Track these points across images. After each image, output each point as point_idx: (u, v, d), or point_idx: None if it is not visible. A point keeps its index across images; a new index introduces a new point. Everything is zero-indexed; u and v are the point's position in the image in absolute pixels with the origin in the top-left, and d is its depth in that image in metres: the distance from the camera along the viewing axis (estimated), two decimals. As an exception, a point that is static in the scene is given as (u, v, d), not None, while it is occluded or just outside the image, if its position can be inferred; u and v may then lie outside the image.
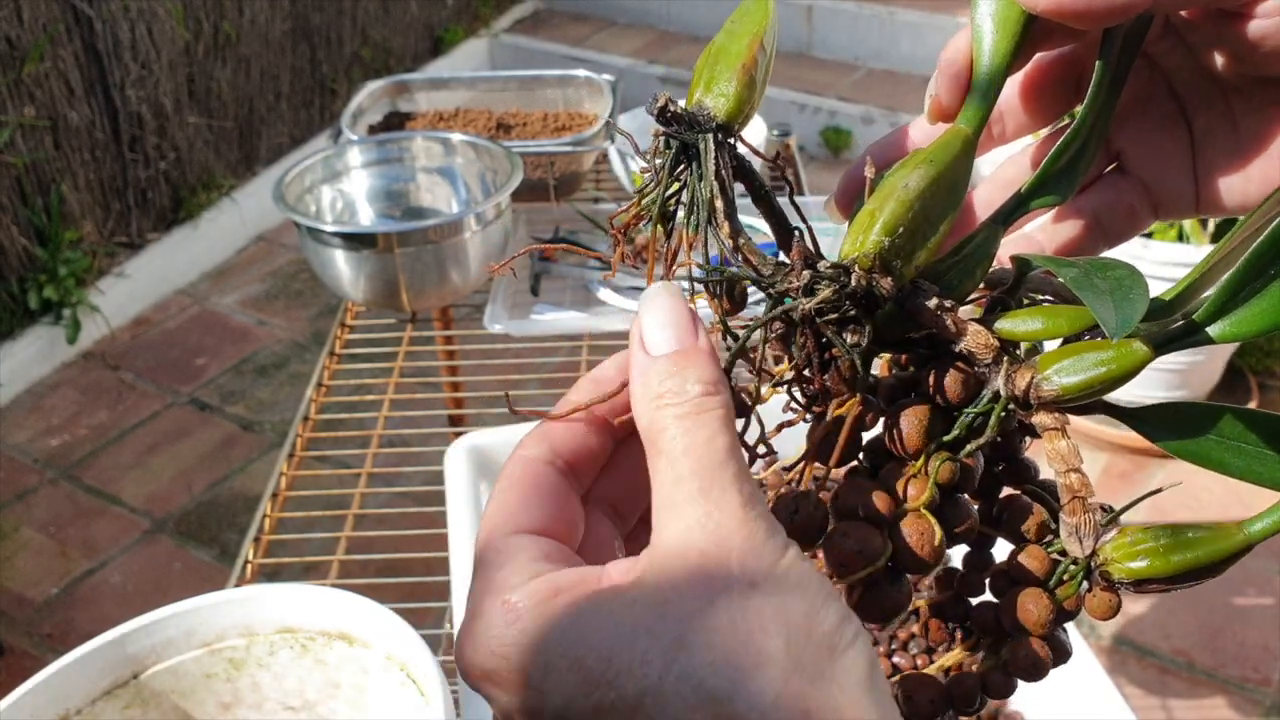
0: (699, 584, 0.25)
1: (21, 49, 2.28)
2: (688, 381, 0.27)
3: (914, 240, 0.28)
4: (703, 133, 0.29)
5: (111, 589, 1.89)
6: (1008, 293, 0.31)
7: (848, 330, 0.28)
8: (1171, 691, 1.62)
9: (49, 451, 2.20)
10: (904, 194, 0.28)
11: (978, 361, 0.29)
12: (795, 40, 3.44)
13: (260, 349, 2.48)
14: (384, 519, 1.12)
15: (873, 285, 0.28)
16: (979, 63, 0.31)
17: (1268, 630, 1.70)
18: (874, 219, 0.28)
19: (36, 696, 0.59)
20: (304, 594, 0.65)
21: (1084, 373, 0.27)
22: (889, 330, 0.29)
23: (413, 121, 1.52)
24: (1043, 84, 0.35)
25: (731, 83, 0.29)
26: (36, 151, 2.37)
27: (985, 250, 0.31)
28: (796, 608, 0.24)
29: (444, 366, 1.39)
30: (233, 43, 2.75)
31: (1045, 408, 0.28)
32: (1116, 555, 0.28)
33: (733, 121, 0.29)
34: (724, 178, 0.29)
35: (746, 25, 0.30)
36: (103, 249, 2.57)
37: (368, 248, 1.12)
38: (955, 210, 0.30)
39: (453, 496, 0.83)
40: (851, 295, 0.28)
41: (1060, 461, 0.28)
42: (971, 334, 0.29)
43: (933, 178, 0.29)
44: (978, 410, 0.29)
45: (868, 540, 0.28)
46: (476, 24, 3.62)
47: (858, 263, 0.28)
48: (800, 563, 0.25)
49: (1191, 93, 0.34)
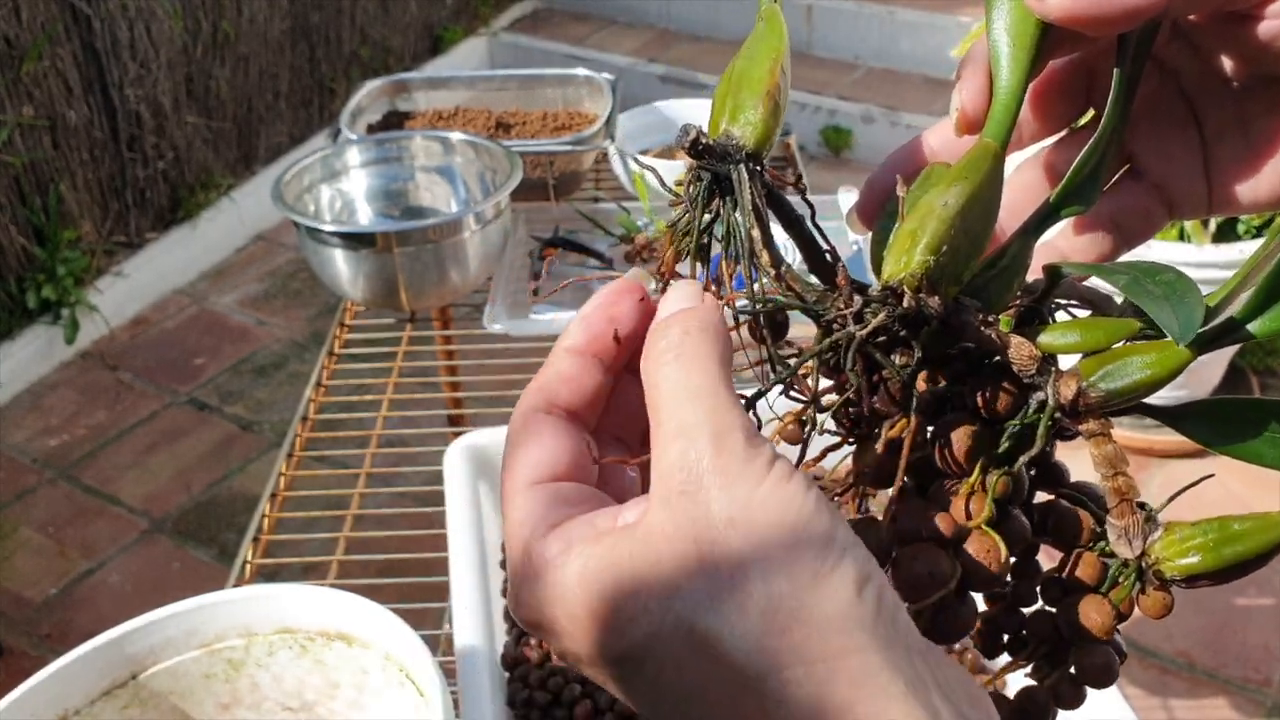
0: (683, 529, 0.26)
1: (20, 48, 2.27)
2: (685, 330, 0.28)
3: (957, 258, 0.29)
4: (734, 164, 0.29)
5: (110, 589, 1.89)
6: (1038, 301, 0.31)
7: (896, 352, 0.28)
8: (1172, 692, 1.62)
9: (48, 451, 2.20)
10: (944, 212, 0.28)
11: (1022, 373, 0.29)
12: (795, 39, 3.43)
13: (259, 349, 2.47)
14: (383, 519, 1.12)
15: (921, 306, 0.28)
16: (999, 75, 0.31)
17: (1268, 631, 1.70)
18: (916, 239, 0.28)
19: (36, 696, 0.59)
20: (303, 594, 0.65)
21: (1129, 376, 0.28)
22: (930, 348, 0.29)
23: (412, 121, 1.52)
24: (1053, 90, 0.35)
25: (758, 109, 0.29)
26: (35, 151, 2.37)
27: (1021, 262, 0.31)
28: (774, 538, 0.25)
29: (443, 366, 1.39)
30: (231, 42, 2.75)
31: (1091, 413, 0.29)
32: (1167, 554, 0.28)
33: (761, 150, 0.29)
34: (759, 207, 0.29)
35: (765, 49, 0.30)
36: (101, 248, 2.56)
37: (367, 247, 1.12)
38: (993, 226, 0.30)
39: (452, 497, 0.83)
40: (902, 317, 0.28)
41: (1107, 465, 0.29)
42: (1015, 346, 0.29)
43: (970, 194, 0.29)
44: (1023, 421, 0.29)
45: (937, 563, 0.28)
46: (476, 23, 3.61)
47: (904, 284, 0.28)
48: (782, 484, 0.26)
49: (1201, 94, 0.34)
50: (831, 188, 1.36)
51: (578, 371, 0.31)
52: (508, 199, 1.18)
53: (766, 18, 0.31)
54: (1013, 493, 0.30)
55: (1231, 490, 1.77)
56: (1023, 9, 0.31)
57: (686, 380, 0.27)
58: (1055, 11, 0.29)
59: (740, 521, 0.25)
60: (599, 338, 0.31)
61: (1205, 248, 1.68)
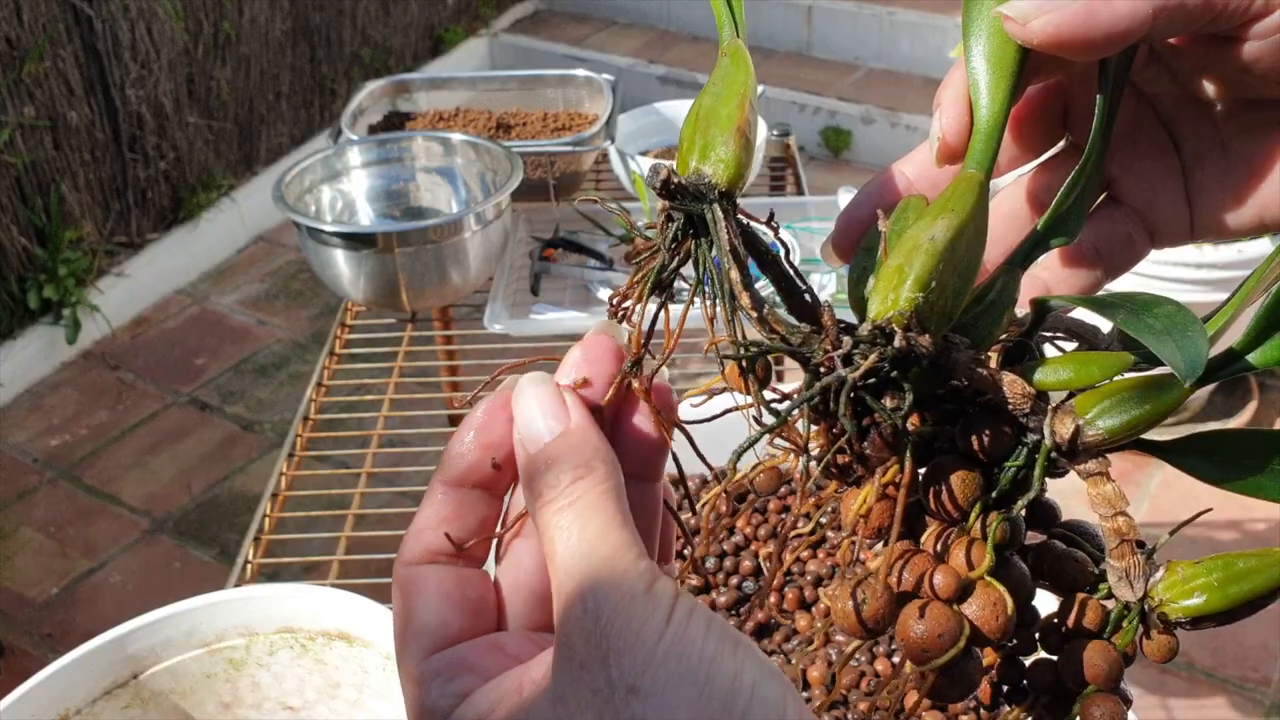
0: (587, 702, 0.25)
1: (21, 49, 2.28)
2: (561, 472, 0.27)
3: (945, 294, 0.27)
4: (708, 204, 0.28)
5: (111, 589, 1.89)
6: (1025, 335, 0.30)
7: (887, 395, 0.27)
8: (1171, 691, 1.62)
9: (49, 451, 2.20)
10: (932, 246, 0.27)
11: (1016, 411, 0.28)
12: (795, 40, 3.44)
13: (260, 349, 2.48)
14: (384, 519, 1.12)
15: (913, 345, 0.26)
16: (978, 104, 0.31)
17: (1267, 630, 1.70)
18: (904, 275, 0.27)
19: (36, 696, 0.59)
20: (304, 594, 0.65)
21: (1127, 413, 0.27)
22: (919, 388, 0.28)
23: (413, 121, 1.52)
24: (1030, 117, 0.34)
25: (729, 146, 0.28)
26: (36, 151, 2.37)
27: (1009, 296, 0.30)
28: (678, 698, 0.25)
29: (444, 366, 1.39)
30: (232, 43, 2.75)
31: (1089, 453, 0.27)
32: (1170, 595, 0.27)
33: (734, 188, 0.28)
34: (737, 247, 0.28)
35: (732, 86, 0.29)
36: (102, 249, 2.57)
37: (368, 247, 1.12)
38: (981, 259, 0.29)
39: (453, 496, 0.83)
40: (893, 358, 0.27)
41: (1106, 505, 0.28)
42: (1008, 384, 0.28)
43: (958, 228, 0.28)
44: (1019, 463, 0.28)
45: (946, 622, 0.27)
46: (476, 24, 3.62)
47: (893, 322, 0.26)
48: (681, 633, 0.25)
49: (1179, 118, 0.34)
50: (831, 188, 1.36)
51: (457, 509, 0.30)
52: (508, 199, 1.18)
53: (731, 53, 0.30)
54: (1010, 538, 0.28)
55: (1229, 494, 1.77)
56: (1002, 35, 0.30)
57: (582, 533, 0.26)
58: (1039, 37, 0.29)
59: (643, 689, 0.25)
60: (475, 468, 0.29)
61: (1204, 249, 1.68)
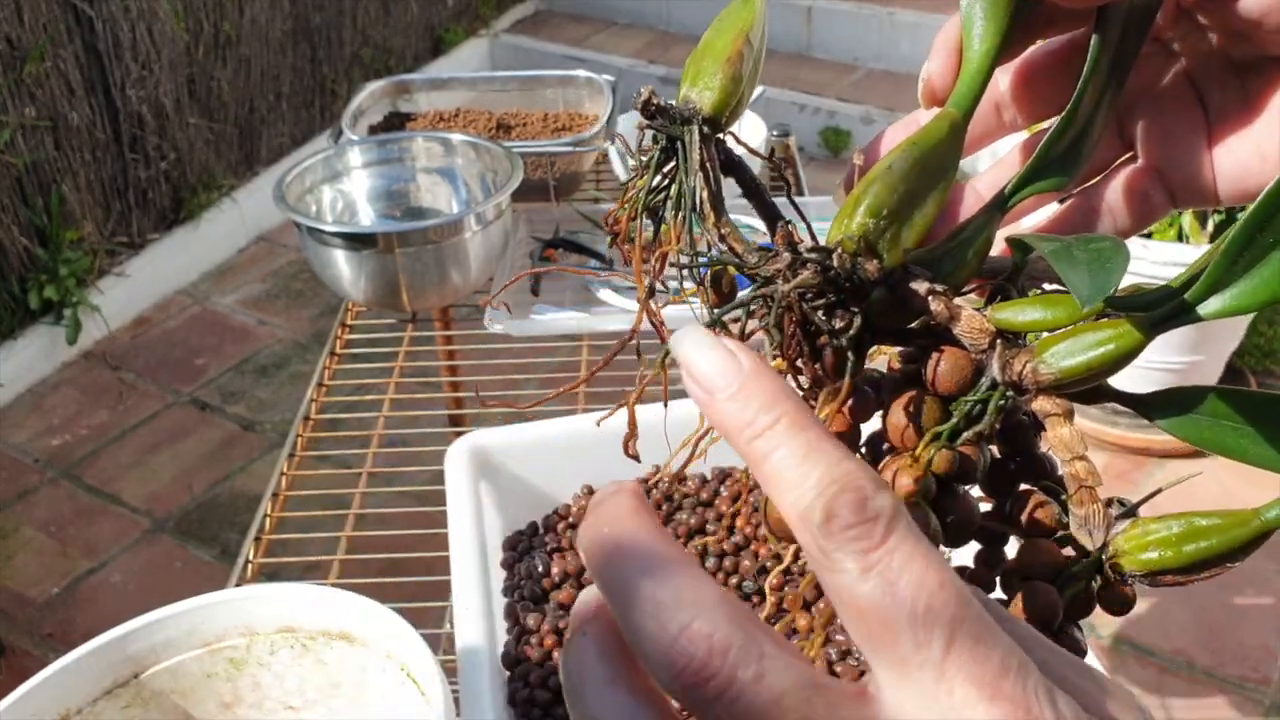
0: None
1: (22, 49, 2.28)
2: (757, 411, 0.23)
3: (898, 221, 0.28)
4: (688, 125, 0.29)
5: (112, 589, 1.89)
6: (1008, 280, 0.30)
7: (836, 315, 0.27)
8: (1171, 691, 1.62)
9: (49, 451, 2.20)
10: (888, 176, 0.28)
11: (974, 347, 0.28)
12: (795, 41, 3.44)
13: (261, 349, 2.48)
14: (384, 519, 1.12)
15: (857, 268, 0.27)
16: (969, 47, 0.31)
17: (1267, 630, 1.70)
18: (858, 202, 0.28)
19: (37, 696, 0.59)
20: (304, 594, 0.65)
21: (1082, 354, 0.27)
22: (886, 319, 0.28)
23: (413, 122, 1.52)
24: (1037, 76, 0.34)
25: (717, 76, 0.29)
26: (37, 151, 2.37)
27: (983, 235, 0.30)
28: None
29: (444, 366, 1.39)
30: (233, 43, 2.76)
31: (1045, 393, 0.27)
32: (1128, 547, 0.27)
33: (719, 114, 0.29)
34: (709, 169, 0.28)
35: (732, 22, 0.30)
36: (103, 249, 2.57)
37: (368, 248, 1.12)
38: (942, 192, 0.29)
39: (453, 496, 0.83)
40: (836, 278, 0.27)
41: (1064, 449, 0.27)
42: (965, 318, 0.28)
43: (916, 159, 0.29)
44: (976, 399, 0.28)
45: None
46: (477, 24, 3.62)
47: (842, 245, 0.27)
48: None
49: (1205, 76, 0.33)
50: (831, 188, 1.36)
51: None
52: (508, 200, 1.18)
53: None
54: (960, 471, 0.28)
55: (1227, 488, 1.77)
56: None
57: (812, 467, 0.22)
58: None
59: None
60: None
61: (1203, 247, 1.68)
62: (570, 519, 0.89)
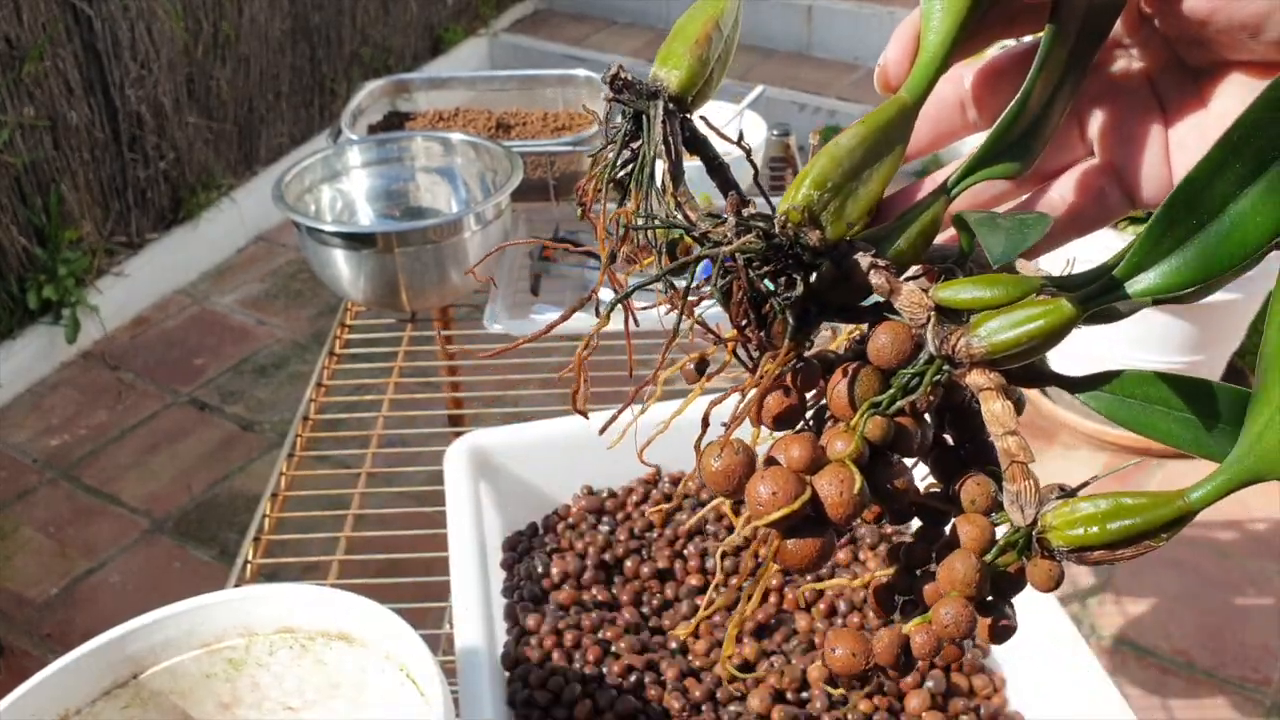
0: None
1: (21, 49, 2.27)
2: None
3: (841, 195, 0.29)
4: (653, 100, 0.30)
5: (111, 589, 1.89)
6: (956, 264, 0.31)
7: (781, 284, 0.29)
8: (1171, 691, 1.62)
9: (48, 451, 2.20)
10: (834, 150, 0.30)
11: (913, 322, 0.29)
12: (795, 40, 3.44)
13: (260, 349, 2.48)
14: (384, 519, 1.12)
15: (800, 236, 0.29)
16: (925, 37, 0.32)
17: (1268, 630, 1.70)
18: (805, 176, 0.29)
19: (36, 696, 0.59)
20: (304, 594, 0.65)
21: (1013, 330, 0.28)
22: (834, 294, 0.30)
23: (412, 121, 1.52)
24: (1009, 73, 0.34)
25: (685, 58, 0.30)
26: (36, 151, 2.37)
27: (924, 213, 0.32)
28: None
29: (444, 366, 1.39)
30: (232, 42, 2.75)
31: (979, 367, 0.28)
32: (1057, 523, 0.28)
33: (685, 93, 0.30)
34: (670, 143, 0.30)
35: (703, 9, 0.32)
36: (102, 249, 2.57)
37: (367, 247, 1.12)
38: (888, 169, 0.31)
39: (453, 496, 0.83)
40: (779, 246, 0.29)
41: (996, 424, 0.28)
42: (905, 293, 0.29)
43: (861, 136, 0.30)
44: (913, 371, 0.29)
45: (785, 483, 0.28)
46: (476, 23, 3.62)
47: (788, 216, 0.29)
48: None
49: (1165, 79, 0.34)
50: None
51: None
52: (508, 199, 1.18)
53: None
54: (896, 440, 0.29)
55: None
56: None
57: None
58: None
59: None
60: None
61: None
62: (570, 519, 0.89)
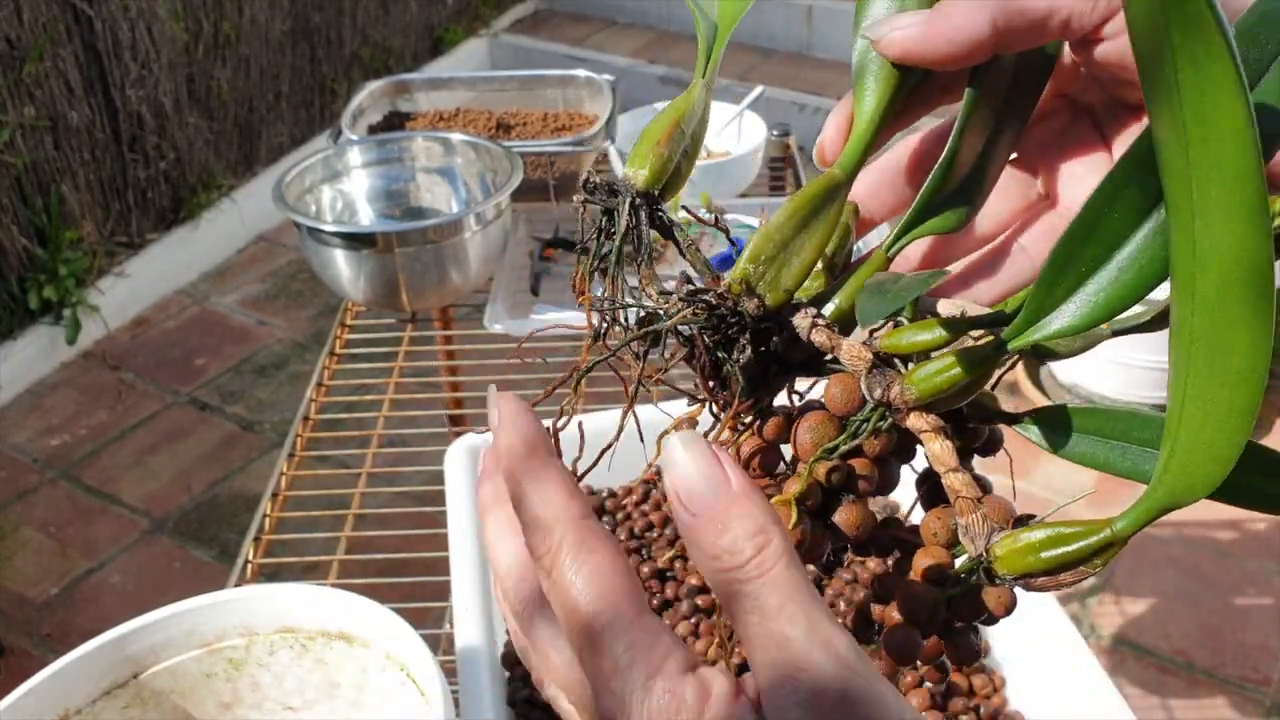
0: None
1: (21, 49, 2.28)
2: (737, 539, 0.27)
3: (775, 265, 0.33)
4: (621, 198, 0.34)
5: (111, 589, 1.89)
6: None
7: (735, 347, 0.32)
8: (1171, 691, 1.62)
9: (49, 451, 2.20)
10: (766, 228, 0.33)
11: (856, 374, 0.32)
12: (795, 40, 3.44)
13: (260, 349, 2.48)
14: (384, 519, 1.12)
15: (738, 305, 0.32)
16: (858, 113, 0.35)
17: (1267, 630, 1.70)
18: (744, 254, 0.33)
19: (36, 696, 0.59)
20: (304, 594, 0.65)
21: (940, 376, 0.30)
22: (792, 353, 0.33)
23: (413, 121, 1.52)
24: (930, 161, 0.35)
25: (648, 157, 0.34)
26: (36, 151, 2.37)
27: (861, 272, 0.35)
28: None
29: (444, 366, 1.39)
30: (232, 43, 2.75)
31: (915, 411, 0.31)
32: (1002, 553, 0.30)
33: (650, 188, 0.34)
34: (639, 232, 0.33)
35: (669, 112, 0.35)
36: (102, 249, 2.57)
37: (367, 247, 1.12)
38: (819, 237, 0.33)
39: (453, 496, 0.83)
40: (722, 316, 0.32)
41: (938, 464, 0.30)
42: (845, 347, 0.32)
43: (790, 211, 0.33)
44: (862, 418, 0.32)
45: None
46: (476, 24, 3.62)
47: (729, 288, 0.32)
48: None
49: (1110, 123, 0.35)
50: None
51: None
52: (508, 199, 1.18)
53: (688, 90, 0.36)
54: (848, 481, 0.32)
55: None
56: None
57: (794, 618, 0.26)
58: (892, 51, 0.32)
59: None
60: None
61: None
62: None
